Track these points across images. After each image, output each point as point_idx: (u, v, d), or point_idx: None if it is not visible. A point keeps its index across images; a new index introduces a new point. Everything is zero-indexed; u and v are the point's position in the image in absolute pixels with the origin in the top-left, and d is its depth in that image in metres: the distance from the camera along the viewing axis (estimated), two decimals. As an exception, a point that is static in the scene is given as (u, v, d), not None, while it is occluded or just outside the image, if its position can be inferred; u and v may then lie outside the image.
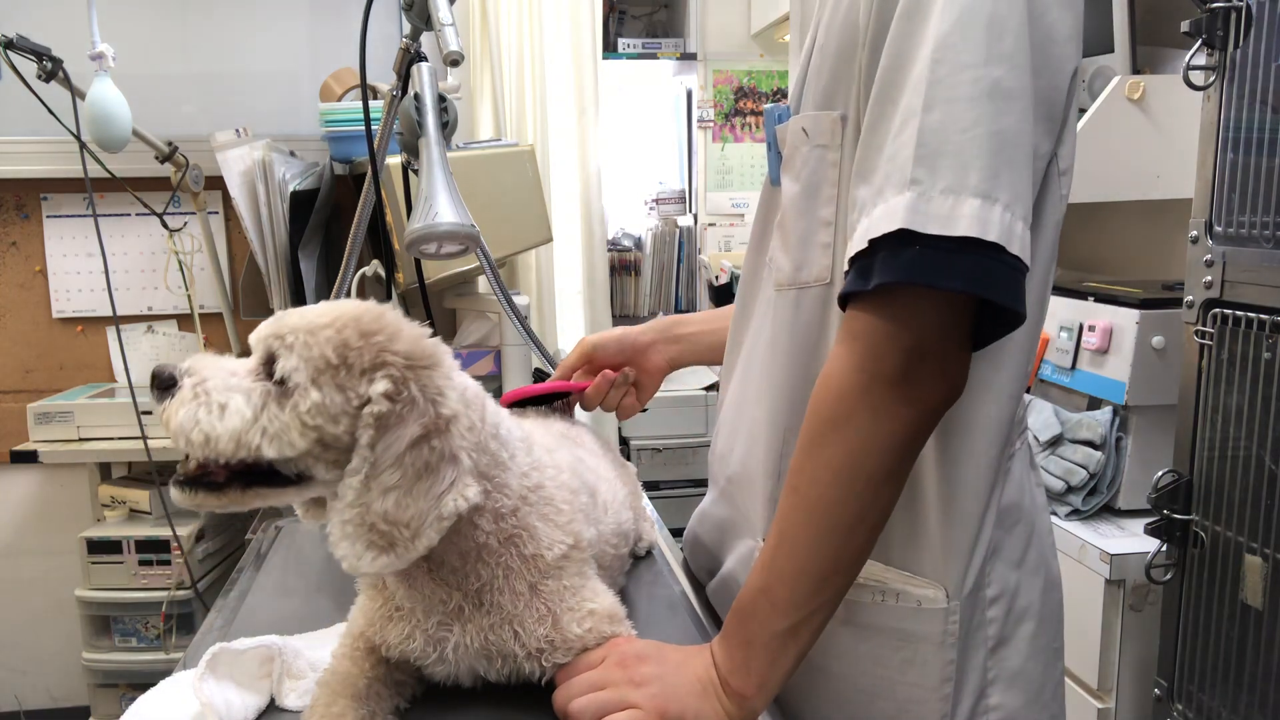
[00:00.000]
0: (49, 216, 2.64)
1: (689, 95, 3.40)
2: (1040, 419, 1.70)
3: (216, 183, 2.32)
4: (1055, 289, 0.84)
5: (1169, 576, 1.42)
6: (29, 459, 2.30)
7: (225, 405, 0.67)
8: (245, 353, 0.73)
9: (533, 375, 2.31)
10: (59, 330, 2.68)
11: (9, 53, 2.05)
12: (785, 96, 3.32)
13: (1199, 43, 1.34)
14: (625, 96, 3.44)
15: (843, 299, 0.72)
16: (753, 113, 3.36)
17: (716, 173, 3.37)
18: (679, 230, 3.38)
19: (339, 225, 2.38)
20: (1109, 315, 1.64)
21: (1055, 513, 1.62)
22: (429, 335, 0.73)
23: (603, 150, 3.07)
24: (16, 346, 2.67)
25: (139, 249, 2.67)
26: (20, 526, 2.72)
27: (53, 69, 2.11)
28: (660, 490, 3.01)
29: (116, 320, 2.41)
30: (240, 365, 0.71)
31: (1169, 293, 1.58)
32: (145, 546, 2.28)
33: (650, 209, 3.46)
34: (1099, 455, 1.60)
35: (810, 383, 0.74)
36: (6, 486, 2.70)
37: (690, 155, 3.43)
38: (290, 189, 2.20)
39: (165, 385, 0.69)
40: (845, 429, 0.70)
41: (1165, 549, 1.42)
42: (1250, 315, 1.29)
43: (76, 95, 2.14)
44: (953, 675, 0.81)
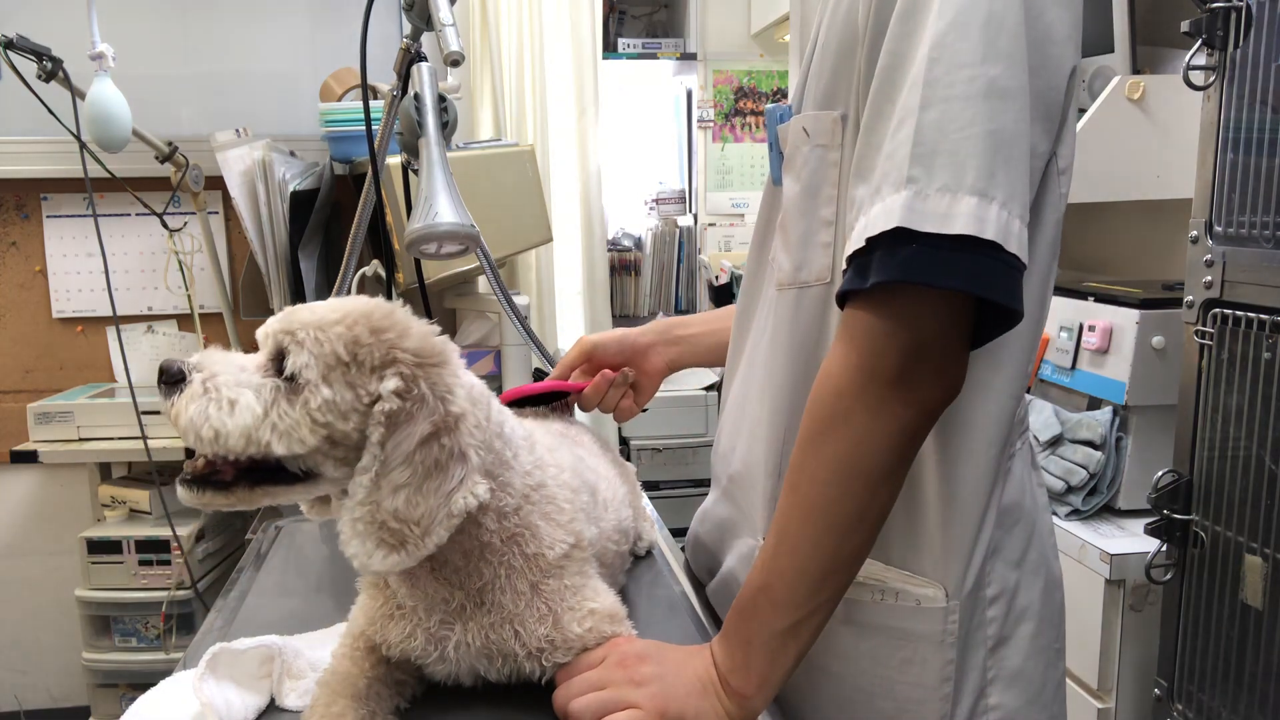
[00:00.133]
0: (49, 216, 2.64)
1: (689, 95, 3.40)
2: (1040, 419, 1.70)
3: (216, 183, 2.32)
4: (1055, 289, 0.84)
5: (1169, 576, 1.42)
6: (29, 459, 2.31)
7: (235, 401, 0.67)
8: (247, 352, 0.73)
9: (533, 375, 2.31)
10: (59, 330, 2.68)
11: (9, 53, 2.05)
12: (785, 96, 3.33)
13: (1199, 43, 1.34)
14: (625, 96, 3.44)
15: (841, 297, 0.72)
16: (753, 113, 3.36)
17: (716, 173, 3.37)
18: (679, 230, 3.38)
19: (339, 225, 2.38)
20: (1109, 315, 1.64)
21: (1055, 513, 1.62)
22: (438, 333, 0.73)
23: (603, 150, 3.07)
24: (16, 346, 2.67)
25: (139, 249, 2.67)
26: (20, 526, 2.72)
27: (53, 69, 2.11)
28: (660, 490, 3.01)
29: (116, 320, 2.41)
30: (249, 361, 0.70)
31: (1169, 293, 1.58)
32: (145, 546, 2.28)
33: (650, 209, 3.46)
34: (1099, 455, 1.60)
35: (811, 382, 0.74)
36: (6, 486, 2.70)
37: (690, 155, 3.43)
38: (290, 189, 2.20)
39: (173, 380, 0.68)
40: (843, 427, 0.70)
41: (1165, 549, 1.42)
42: (1250, 315, 1.29)
43: (76, 95, 2.14)
44: (952, 675, 0.81)
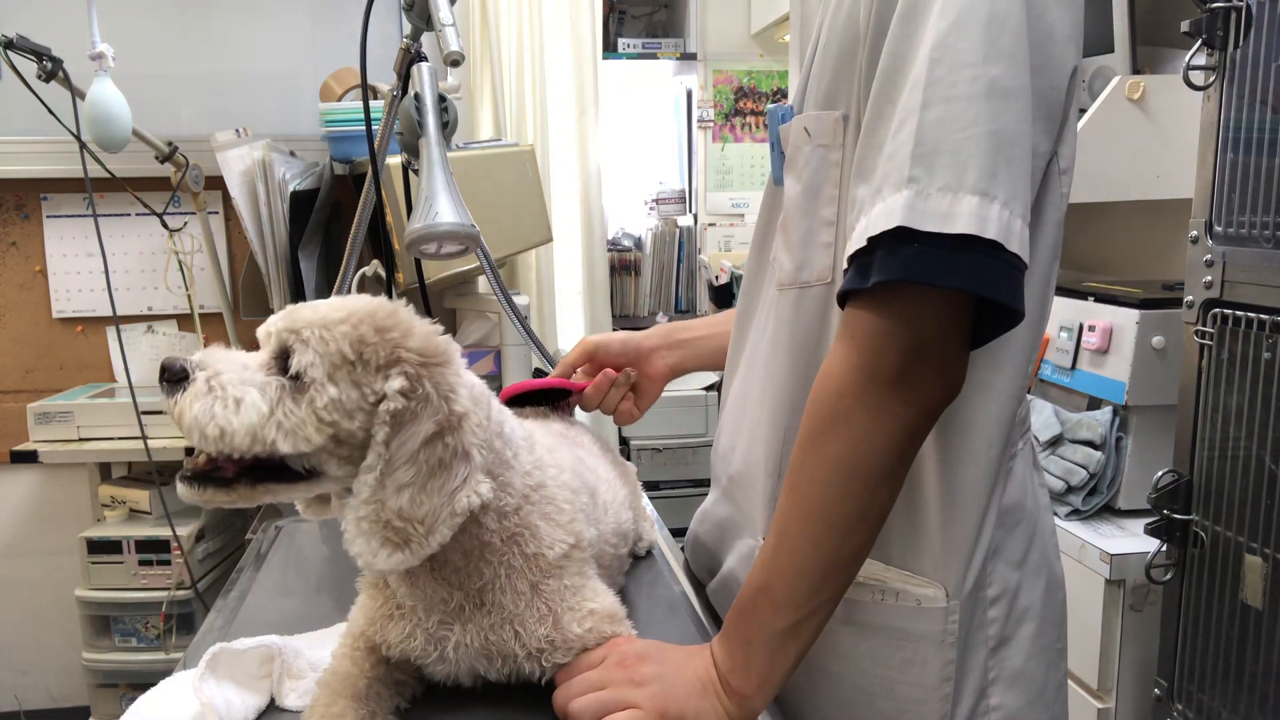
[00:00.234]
0: (49, 216, 2.64)
1: (689, 95, 3.40)
2: (1040, 419, 1.70)
3: (216, 183, 2.32)
4: (1055, 289, 0.84)
5: (1169, 576, 1.42)
6: (29, 459, 2.31)
7: (241, 399, 0.67)
8: (248, 351, 0.73)
9: (533, 375, 2.31)
10: (59, 330, 2.68)
11: (9, 53, 2.05)
12: (785, 96, 3.33)
13: (1199, 43, 1.33)
14: (625, 96, 3.44)
15: (841, 297, 0.72)
16: (753, 113, 3.35)
17: (716, 173, 3.37)
18: (679, 230, 3.38)
19: (339, 225, 2.38)
20: (1109, 315, 1.64)
21: (1055, 513, 1.62)
22: (440, 332, 0.73)
23: (603, 150, 3.07)
24: (16, 346, 2.67)
25: (139, 249, 2.67)
26: (20, 526, 2.71)
27: (53, 69, 2.11)
28: (660, 490, 3.01)
29: (116, 320, 2.41)
30: (251, 359, 0.70)
31: (1169, 293, 1.58)
32: (145, 546, 2.28)
33: (650, 209, 3.46)
34: (1099, 455, 1.60)
35: (811, 382, 0.74)
36: (6, 486, 2.70)
37: (690, 155, 3.43)
38: (290, 189, 2.20)
39: (176, 378, 0.68)
40: (844, 427, 0.70)
41: (1165, 549, 1.42)
42: (1250, 315, 1.29)
43: (76, 95, 2.14)
44: (953, 675, 0.81)
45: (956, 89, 0.66)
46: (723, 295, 3.10)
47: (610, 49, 3.25)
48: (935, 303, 0.68)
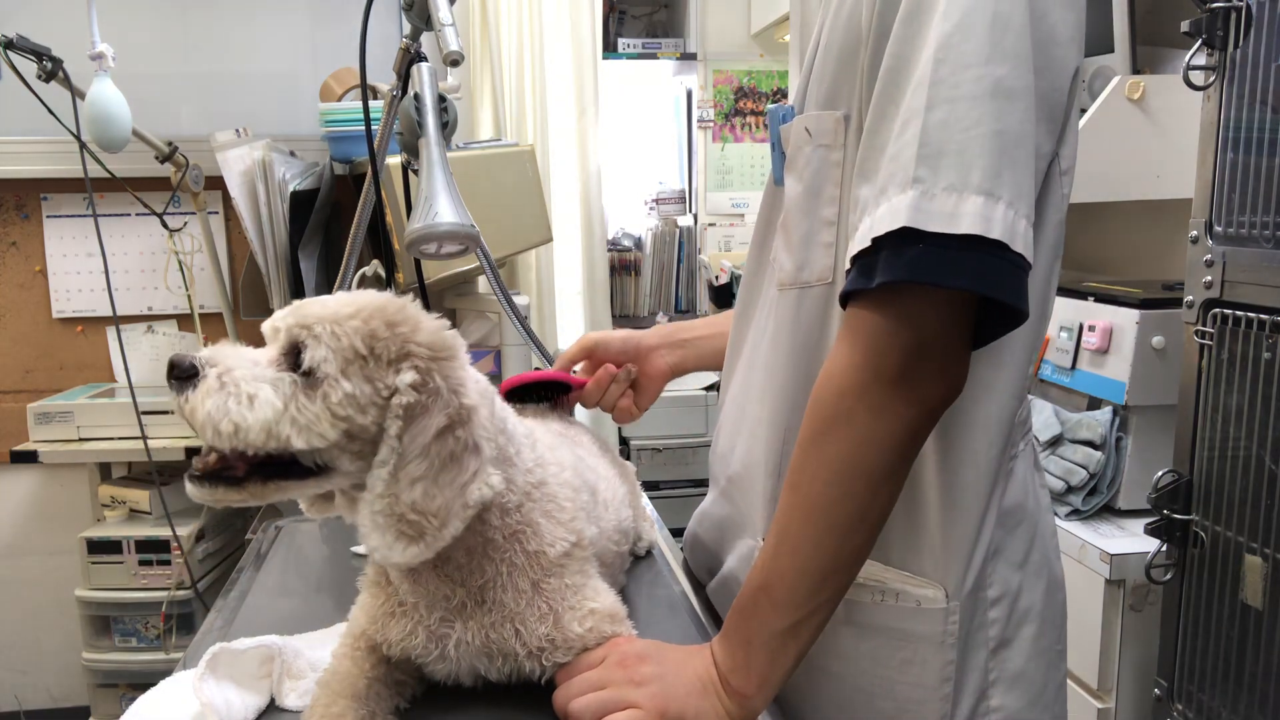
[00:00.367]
0: (49, 216, 2.64)
1: (689, 95, 3.40)
2: (1040, 419, 1.70)
3: (216, 183, 2.32)
4: (1056, 289, 0.85)
5: (1169, 576, 1.42)
6: (29, 459, 2.31)
7: (255, 395, 0.66)
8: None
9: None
10: (59, 330, 2.68)
11: (9, 53, 2.05)
12: (785, 96, 3.33)
13: (1199, 43, 1.33)
14: (625, 96, 3.44)
15: (844, 297, 0.72)
16: (753, 113, 3.35)
17: (716, 173, 3.37)
18: (679, 230, 3.38)
19: (339, 225, 2.38)
20: (1109, 315, 1.64)
21: (1055, 513, 1.61)
22: (447, 327, 0.73)
23: (603, 150, 3.07)
24: (16, 346, 2.67)
25: (139, 249, 2.67)
26: (20, 526, 2.71)
27: (53, 69, 2.11)
28: (660, 490, 3.01)
29: (116, 320, 2.41)
30: (260, 355, 0.70)
31: (1169, 293, 1.58)
32: (145, 546, 2.28)
33: (650, 209, 3.46)
34: (1099, 455, 1.60)
35: (812, 382, 0.74)
36: (6, 486, 2.70)
37: (690, 155, 3.43)
38: (290, 189, 2.20)
39: (185, 375, 0.67)
40: (845, 427, 0.70)
41: (1165, 549, 1.42)
42: (1250, 315, 1.29)
43: (76, 95, 2.14)
44: (952, 675, 0.81)
45: (961, 89, 0.66)
46: (723, 295, 3.10)
47: (610, 49, 3.25)
48: (938, 302, 0.68)
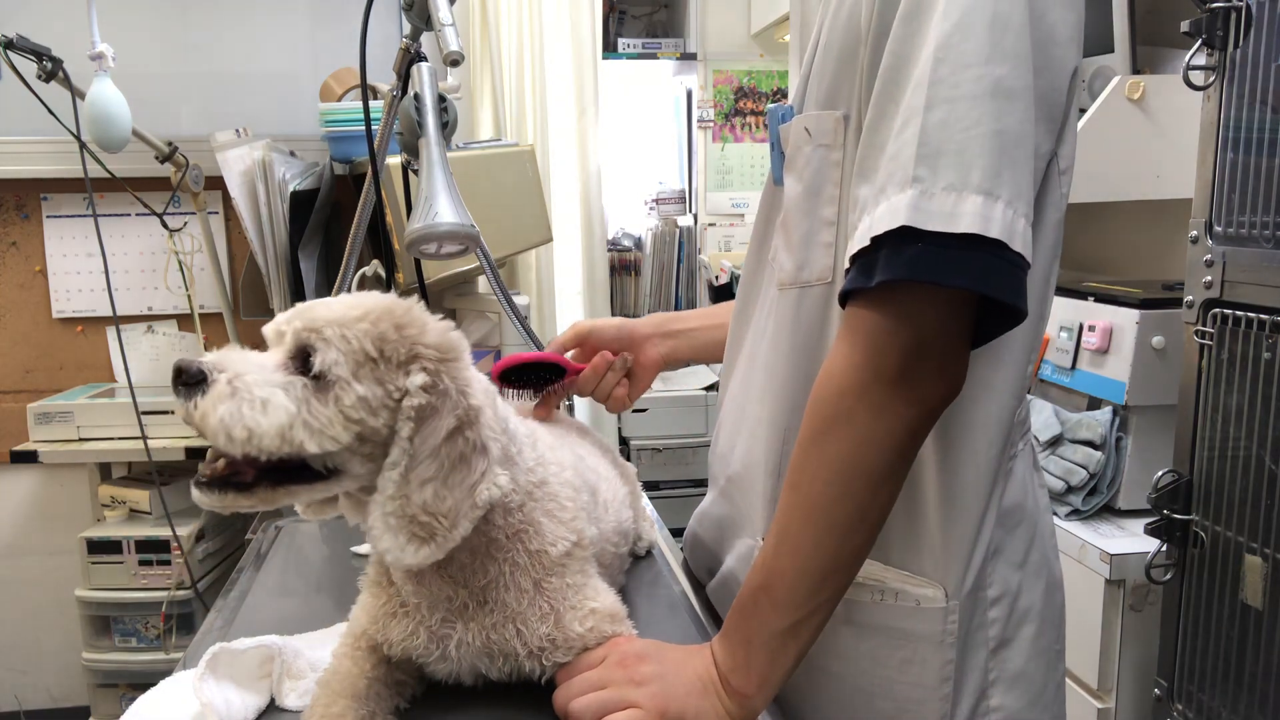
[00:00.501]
0: (49, 216, 2.64)
1: (689, 95, 3.40)
2: (1040, 419, 1.70)
3: (216, 183, 2.32)
4: (1055, 289, 0.85)
5: (1169, 576, 1.42)
6: (29, 459, 2.31)
7: (267, 400, 0.66)
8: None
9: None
10: (59, 330, 2.68)
11: (9, 53, 2.05)
12: (785, 96, 3.33)
13: (1199, 43, 1.33)
14: (625, 96, 3.44)
15: (843, 296, 0.72)
16: (753, 113, 3.35)
17: (716, 173, 3.37)
18: (679, 230, 3.38)
19: (339, 225, 2.38)
20: (1109, 315, 1.64)
21: (1055, 513, 1.62)
22: (452, 328, 0.74)
23: (603, 150, 3.07)
24: (16, 346, 2.67)
25: (139, 249, 2.67)
26: (20, 526, 2.71)
27: (53, 69, 2.11)
28: (660, 490, 3.01)
29: (116, 320, 2.41)
30: (267, 359, 0.69)
31: (1169, 293, 1.58)
32: (145, 546, 2.28)
33: (650, 209, 3.46)
34: (1099, 455, 1.60)
35: (811, 382, 0.74)
36: (6, 486, 2.70)
37: (690, 155, 3.43)
38: (290, 189, 2.20)
39: (193, 381, 0.66)
40: (845, 426, 0.70)
41: (1165, 549, 1.42)
42: (1250, 315, 1.29)
43: (76, 95, 2.14)
44: (952, 675, 0.81)
45: (960, 89, 0.67)
46: (722, 295, 3.10)
47: (610, 49, 3.24)
48: (937, 301, 0.68)
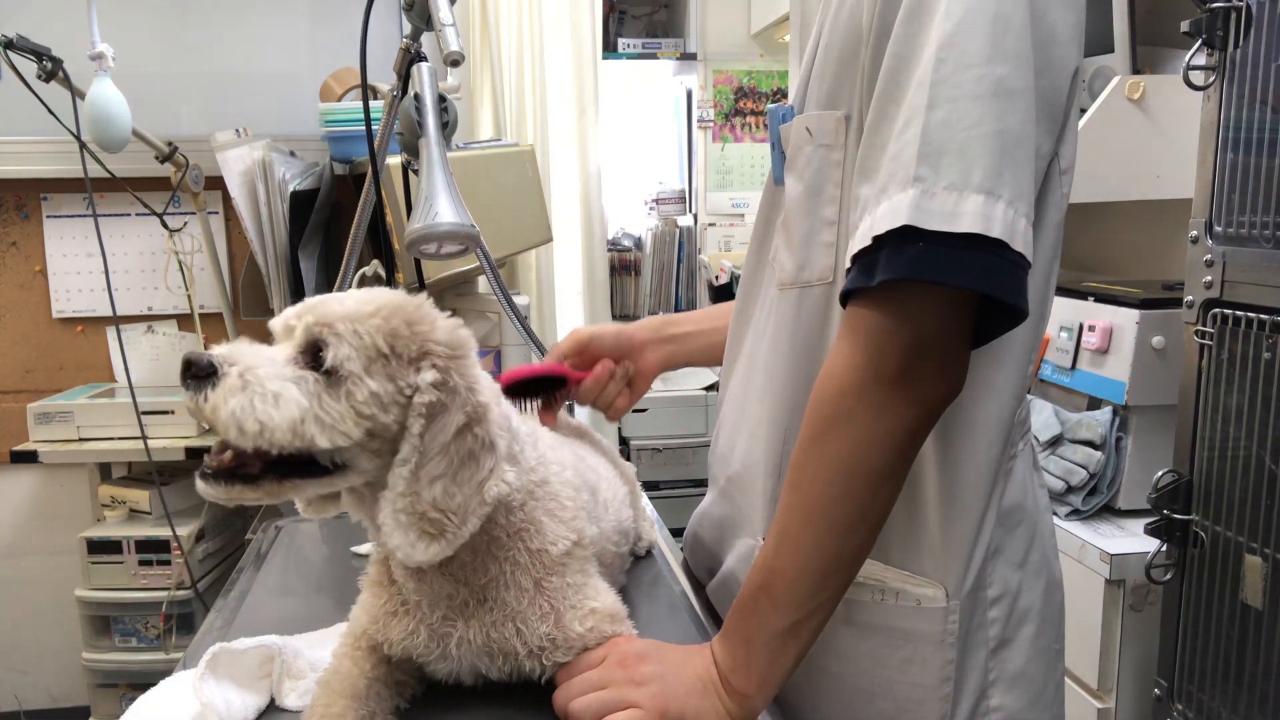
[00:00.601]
0: (49, 216, 2.64)
1: (689, 95, 3.40)
2: (1040, 419, 1.70)
3: (216, 183, 2.32)
4: (1055, 289, 0.85)
5: (1169, 576, 1.42)
6: (29, 459, 2.31)
7: (280, 394, 0.65)
8: None
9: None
10: (59, 330, 2.68)
11: (9, 53, 2.05)
12: (785, 96, 3.33)
13: (1199, 43, 1.33)
14: (625, 96, 3.44)
15: (844, 296, 0.72)
16: (753, 113, 3.35)
17: (716, 173, 3.37)
18: (679, 230, 3.38)
19: (339, 225, 2.38)
20: (1109, 315, 1.64)
21: (1055, 513, 1.62)
22: (461, 325, 0.74)
23: (603, 150, 3.07)
24: (16, 346, 2.67)
25: (139, 249, 2.67)
26: (20, 526, 2.72)
27: (53, 69, 2.11)
28: (660, 490, 3.01)
29: (116, 320, 2.41)
30: (277, 353, 0.69)
31: (1169, 293, 1.58)
32: (145, 546, 2.28)
33: (650, 209, 3.46)
34: (1099, 455, 1.60)
35: (812, 382, 0.74)
36: (6, 486, 2.70)
37: (690, 155, 3.43)
38: (290, 189, 2.20)
39: (203, 374, 0.66)
40: (846, 426, 0.70)
41: (1165, 549, 1.42)
42: (1250, 315, 1.29)
43: (76, 95, 2.14)
44: (952, 675, 0.81)
45: (962, 89, 0.67)
46: (722, 295, 3.10)
47: (610, 49, 3.25)
48: (938, 301, 0.68)
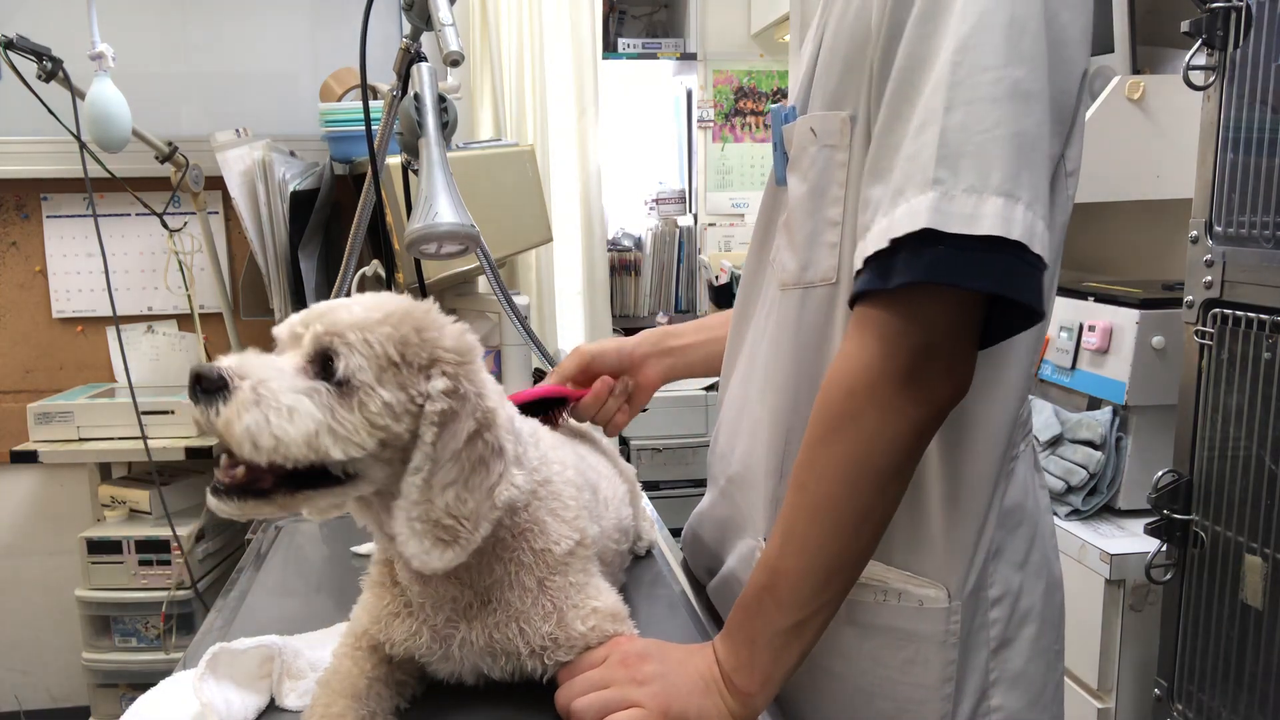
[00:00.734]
0: (49, 216, 2.64)
1: (689, 95, 3.40)
2: (1040, 419, 1.70)
3: (216, 183, 2.32)
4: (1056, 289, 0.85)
5: (1169, 576, 1.42)
6: (29, 459, 2.30)
7: (294, 408, 0.64)
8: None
9: (532, 375, 2.31)
10: (59, 330, 2.68)
11: (9, 53, 2.05)
12: (785, 96, 3.32)
13: (1199, 43, 1.34)
14: (625, 96, 3.44)
15: (856, 297, 0.72)
16: (753, 113, 3.35)
17: (716, 173, 3.37)
18: (679, 230, 3.38)
19: (339, 225, 2.38)
20: (1109, 315, 1.64)
21: (1055, 513, 1.62)
22: (467, 330, 0.73)
23: (603, 150, 3.07)
24: (16, 346, 2.67)
25: (139, 249, 2.67)
26: (20, 526, 2.71)
27: (53, 69, 2.11)
28: (660, 490, 3.01)
29: (116, 320, 2.41)
30: (285, 364, 0.68)
31: (1169, 293, 1.58)
32: (145, 546, 2.28)
33: (650, 209, 3.46)
34: (1099, 455, 1.60)
35: (814, 382, 0.74)
36: (6, 486, 2.70)
37: (690, 155, 3.43)
38: (290, 189, 2.20)
39: (214, 387, 0.64)
40: (853, 427, 0.70)
41: (1165, 549, 1.42)
42: (1250, 315, 1.29)
43: (76, 95, 2.14)
44: (954, 675, 0.81)
45: (979, 91, 0.66)
46: (723, 295, 3.10)
47: (610, 49, 3.25)
48: (948, 303, 0.68)
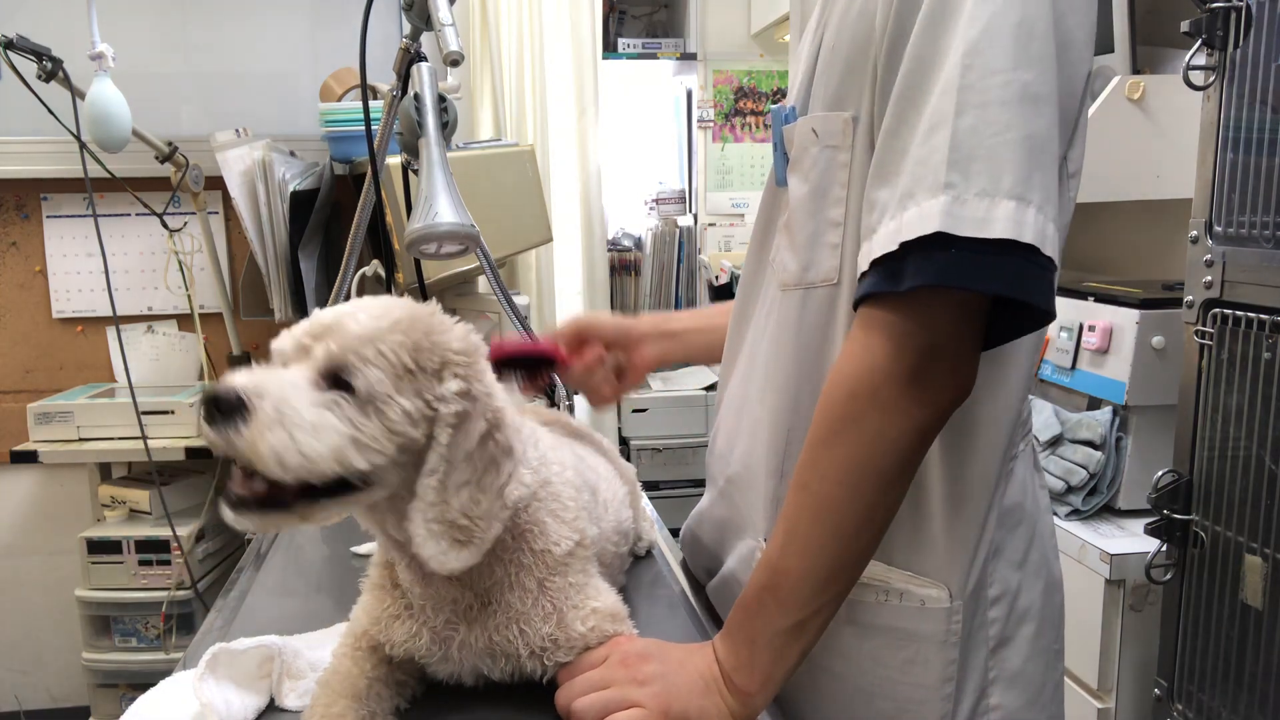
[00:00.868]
0: (49, 216, 2.64)
1: (689, 95, 3.40)
2: (1040, 419, 1.70)
3: (216, 183, 2.32)
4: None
5: (1169, 576, 1.42)
6: (29, 459, 2.30)
7: (318, 425, 0.64)
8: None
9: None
10: (59, 330, 2.68)
11: (9, 53, 2.06)
12: (785, 96, 3.32)
13: (1199, 43, 1.33)
14: (625, 96, 3.44)
15: (861, 299, 0.72)
16: (753, 113, 3.35)
17: (716, 173, 3.37)
18: (679, 230, 3.38)
19: (339, 225, 2.38)
20: (1109, 315, 1.64)
21: (1055, 513, 1.62)
22: (471, 330, 0.74)
23: (603, 150, 3.07)
24: (16, 346, 2.67)
25: (139, 249, 2.67)
26: (20, 526, 2.71)
27: (53, 69, 2.11)
28: (660, 490, 3.01)
29: (116, 320, 2.41)
30: (296, 376, 0.67)
31: (1169, 293, 1.58)
32: (145, 546, 2.28)
33: (650, 209, 3.46)
34: (1099, 455, 1.60)
35: (815, 383, 0.74)
36: (6, 486, 2.70)
37: (690, 155, 3.43)
38: (290, 189, 2.20)
39: (233, 408, 0.62)
40: (856, 428, 0.70)
41: (1165, 549, 1.42)
42: (1250, 315, 1.29)
43: (76, 95, 2.14)
44: (954, 675, 0.81)
45: (989, 94, 0.66)
46: (722, 295, 3.10)
47: (610, 49, 3.24)
48: (952, 305, 0.69)
